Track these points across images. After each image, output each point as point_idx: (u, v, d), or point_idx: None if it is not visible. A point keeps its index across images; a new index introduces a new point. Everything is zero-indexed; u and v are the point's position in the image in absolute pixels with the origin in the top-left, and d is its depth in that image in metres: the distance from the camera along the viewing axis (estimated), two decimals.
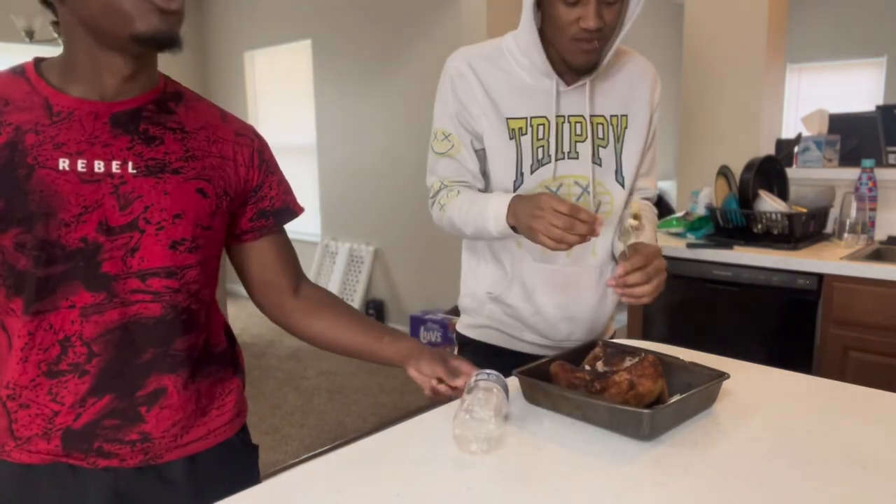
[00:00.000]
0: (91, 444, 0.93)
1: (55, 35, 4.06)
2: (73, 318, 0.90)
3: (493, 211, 1.21)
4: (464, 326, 1.46)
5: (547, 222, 1.09)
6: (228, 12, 5.67)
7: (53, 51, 4.68)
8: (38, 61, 0.93)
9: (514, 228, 1.20)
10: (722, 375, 1.08)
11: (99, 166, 0.89)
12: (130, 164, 0.90)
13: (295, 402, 3.62)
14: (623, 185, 1.35)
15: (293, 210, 1.11)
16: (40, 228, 0.86)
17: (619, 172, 1.34)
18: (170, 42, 0.87)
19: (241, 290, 1.16)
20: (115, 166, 0.89)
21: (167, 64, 5.45)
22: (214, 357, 1.06)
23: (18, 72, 0.92)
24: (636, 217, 1.19)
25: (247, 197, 1.04)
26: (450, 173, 1.33)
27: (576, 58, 1.21)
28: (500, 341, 1.41)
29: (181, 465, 1.00)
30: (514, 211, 1.18)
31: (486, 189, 1.35)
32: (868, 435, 1.00)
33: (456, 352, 1.48)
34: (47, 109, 0.88)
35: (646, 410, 0.96)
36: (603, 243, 1.36)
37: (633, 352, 1.15)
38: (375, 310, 4.77)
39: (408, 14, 4.32)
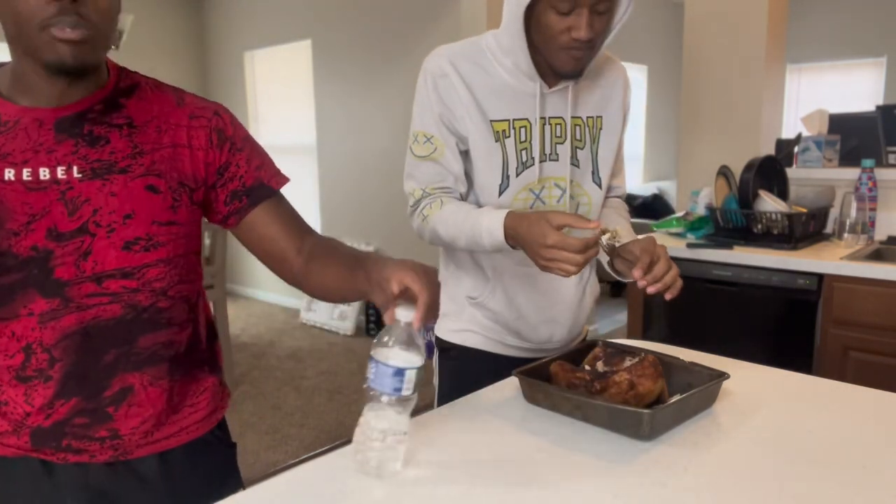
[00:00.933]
0: (60, 442, 0.94)
1: None
2: (33, 326, 0.91)
3: (487, 226, 1.18)
4: (444, 331, 1.44)
5: (565, 263, 1.07)
6: (228, 12, 5.67)
7: None
8: None
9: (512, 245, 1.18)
10: (722, 375, 1.08)
11: (44, 173, 0.88)
12: (75, 168, 0.89)
13: (295, 402, 3.62)
14: (600, 186, 1.36)
15: (268, 185, 1.05)
16: None
17: (595, 173, 1.35)
18: (80, 71, 0.88)
19: (242, 290, 1.15)
20: (60, 172, 0.89)
21: (167, 64, 5.42)
22: (190, 354, 1.04)
23: None
24: (604, 232, 1.19)
25: (214, 181, 1.01)
26: (431, 177, 1.29)
27: (564, 65, 1.21)
28: (482, 345, 1.39)
29: (153, 462, 1.00)
30: (516, 233, 1.15)
31: (468, 192, 1.33)
32: (868, 435, 1.00)
33: (436, 356, 1.47)
34: None
35: (646, 410, 0.96)
36: None
37: (633, 352, 1.15)
38: (375, 310, 4.76)
39: (408, 14, 4.32)
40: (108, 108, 0.94)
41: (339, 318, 4.88)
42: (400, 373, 0.85)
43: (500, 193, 1.29)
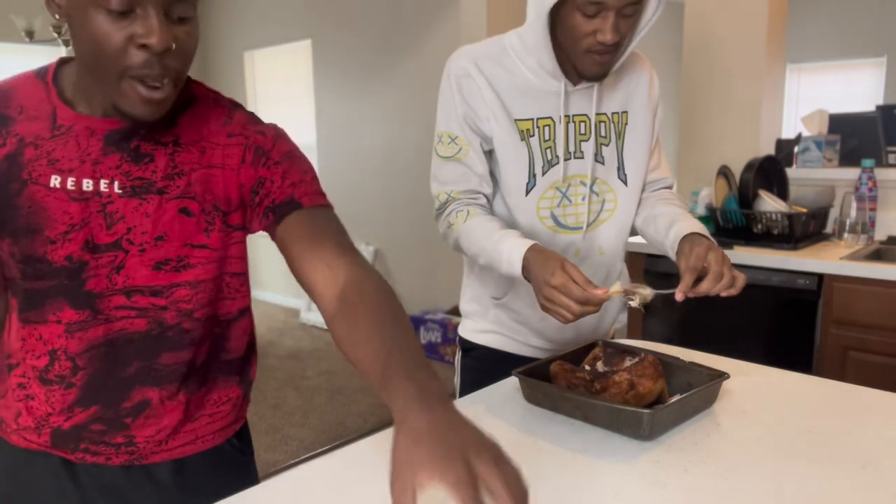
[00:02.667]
0: (77, 444, 0.95)
1: (55, 35, 4.06)
2: (60, 333, 0.91)
3: (508, 254, 1.17)
4: (468, 331, 1.44)
5: (562, 308, 1.08)
6: (228, 12, 5.66)
7: (54, 50, 4.68)
8: (62, 63, 0.92)
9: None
10: (722, 375, 1.08)
11: (87, 185, 0.87)
12: (117, 183, 0.88)
13: (295, 402, 3.62)
14: (626, 183, 1.35)
15: (297, 202, 0.94)
16: (26, 243, 0.87)
17: (620, 170, 1.34)
18: (151, 124, 0.88)
19: None
20: (103, 185, 0.88)
21: None
22: (209, 364, 1.01)
23: (42, 74, 0.91)
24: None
25: (250, 199, 0.95)
26: (455, 179, 1.29)
27: (588, 68, 1.20)
28: (507, 346, 1.40)
29: (168, 467, 1.00)
30: (529, 265, 1.14)
31: (494, 193, 1.32)
32: (868, 435, 1.00)
33: (459, 357, 1.47)
34: (52, 121, 0.88)
35: (646, 410, 0.96)
36: (609, 241, 1.36)
37: (633, 352, 1.15)
38: None
39: (408, 14, 4.32)
40: (160, 124, 0.90)
41: None
42: None
43: (528, 192, 1.28)
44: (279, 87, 5.50)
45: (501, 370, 1.23)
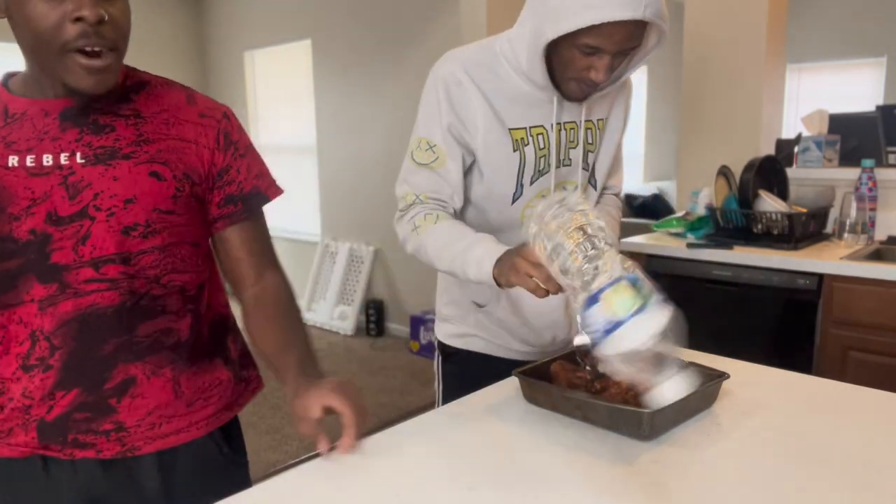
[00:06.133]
0: (66, 437, 0.94)
1: None
2: (35, 312, 0.92)
3: (478, 259, 1.12)
4: (446, 335, 1.41)
5: (532, 270, 1.00)
6: (228, 12, 5.66)
7: None
8: (8, 77, 0.97)
9: (497, 281, 1.11)
10: (722, 375, 1.08)
11: (47, 160, 0.90)
12: (79, 154, 0.91)
13: None
14: (595, 188, 1.36)
15: (264, 195, 1.06)
16: None
17: (592, 175, 1.35)
18: (100, 96, 0.90)
19: None
20: (63, 158, 0.90)
21: (167, 64, 5.40)
22: (194, 344, 1.03)
23: None
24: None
25: (213, 181, 1.01)
26: (427, 187, 1.24)
27: (573, 92, 1.20)
28: (487, 349, 1.39)
29: (157, 466, 0.99)
30: (502, 259, 1.09)
31: (464, 209, 1.30)
32: (868, 435, 1.00)
33: (439, 362, 1.45)
34: (4, 113, 0.92)
35: (646, 410, 0.96)
36: None
37: None
38: (376, 310, 4.76)
39: (408, 14, 4.32)
40: (116, 100, 0.95)
41: (339, 318, 4.88)
42: None
43: (514, 201, 1.28)
44: (279, 87, 5.50)
45: (481, 373, 1.23)
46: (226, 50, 5.77)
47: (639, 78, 6.20)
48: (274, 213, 1.20)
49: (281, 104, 5.54)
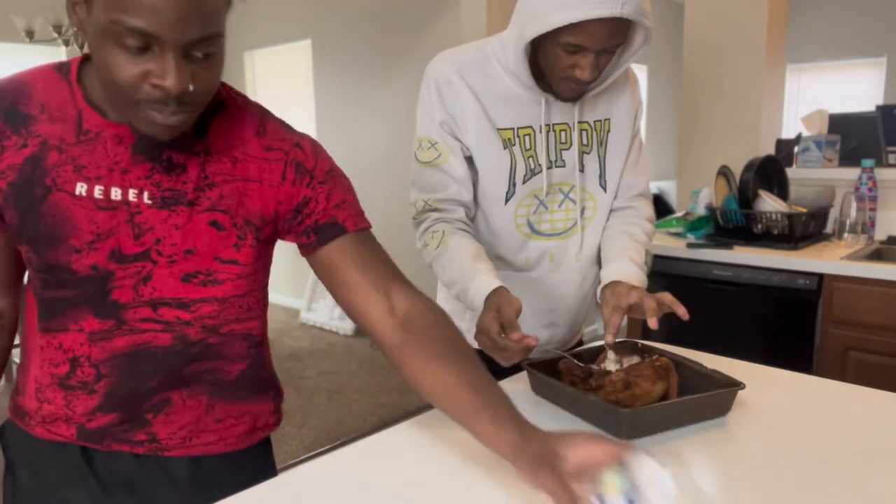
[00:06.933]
0: (102, 441, 0.95)
1: (55, 35, 4.06)
2: (82, 341, 0.89)
3: (475, 290, 1.17)
4: None
5: (489, 350, 1.09)
6: (228, 12, 5.67)
7: (53, 50, 4.67)
8: (84, 61, 0.87)
9: None
10: (737, 385, 1.05)
11: (116, 194, 0.84)
12: (146, 193, 0.85)
13: (295, 402, 3.62)
14: (605, 189, 1.35)
15: (342, 226, 0.94)
16: (48, 252, 0.85)
17: (602, 177, 1.34)
18: (168, 143, 0.84)
19: None
20: (131, 195, 0.85)
21: None
22: (239, 384, 1.00)
23: (63, 72, 0.86)
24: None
25: (289, 218, 0.93)
26: (435, 185, 1.27)
27: (564, 92, 1.21)
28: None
29: (187, 464, 0.99)
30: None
31: (474, 202, 1.31)
32: (868, 435, 1.00)
33: None
34: (78, 125, 0.84)
35: (624, 410, 0.97)
36: (586, 248, 1.36)
37: (650, 352, 1.16)
38: None
39: (408, 14, 4.32)
40: (193, 131, 0.87)
41: (339, 318, 4.88)
42: None
43: (507, 201, 1.28)
44: (279, 87, 5.50)
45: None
46: (226, 50, 5.77)
47: (639, 78, 6.20)
48: None
49: (281, 104, 5.54)
